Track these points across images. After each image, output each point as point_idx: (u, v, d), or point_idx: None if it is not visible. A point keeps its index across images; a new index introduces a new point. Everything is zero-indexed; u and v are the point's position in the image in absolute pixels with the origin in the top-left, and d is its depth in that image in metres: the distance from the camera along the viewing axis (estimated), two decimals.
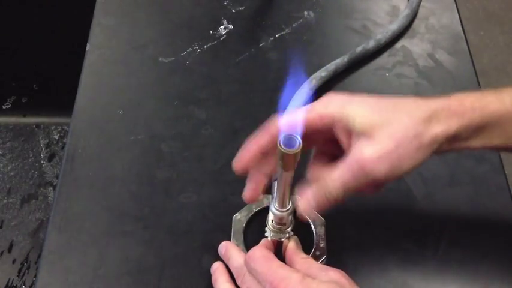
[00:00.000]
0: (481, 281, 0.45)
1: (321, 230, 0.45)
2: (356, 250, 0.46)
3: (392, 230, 0.48)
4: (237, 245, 0.44)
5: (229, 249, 0.42)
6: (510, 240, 0.46)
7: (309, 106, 0.38)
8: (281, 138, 0.32)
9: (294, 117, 0.37)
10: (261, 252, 0.38)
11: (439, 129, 0.36)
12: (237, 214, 0.47)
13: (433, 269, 0.45)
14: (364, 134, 0.35)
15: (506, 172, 0.51)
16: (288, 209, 0.39)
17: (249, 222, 0.47)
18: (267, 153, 0.39)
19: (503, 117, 0.37)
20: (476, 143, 0.38)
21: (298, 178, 0.39)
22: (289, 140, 0.32)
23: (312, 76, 0.55)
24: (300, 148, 0.32)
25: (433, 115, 0.36)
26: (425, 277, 0.45)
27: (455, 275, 0.45)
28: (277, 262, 0.37)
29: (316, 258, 0.43)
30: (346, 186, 0.36)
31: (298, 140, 0.32)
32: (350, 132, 0.36)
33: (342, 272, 0.36)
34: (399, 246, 0.46)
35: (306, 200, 0.37)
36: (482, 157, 0.51)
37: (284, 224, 0.41)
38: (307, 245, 0.44)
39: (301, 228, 0.44)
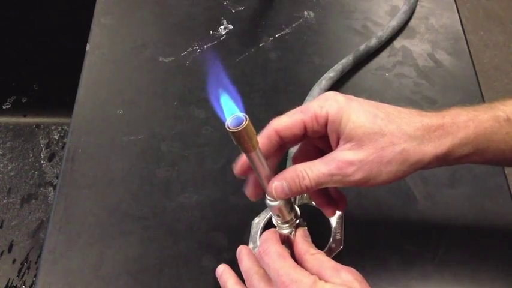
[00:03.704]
0: (481, 281, 0.45)
1: (338, 222, 0.45)
2: (356, 250, 0.46)
3: (392, 230, 0.48)
4: (254, 248, 0.44)
5: (242, 252, 0.42)
6: (510, 240, 0.46)
7: (305, 106, 0.39)
8: (228, 121, 0.32)
9: (289, 118, 0.38)
10: (275, 248, 0.38)
11: (429, 148, 0.36)
12: (255, 218, 0.47)
13: (433, 269, 0.45)
14: (353, 139, 0.36)
15: (506, 172, 0.51)
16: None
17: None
18: (266, 155, 0.39)
19: (496, 135, 0.38)
20: (468, 159, 0.38)
21: None
22: (236, 120, 0.32)
23: (322, 77, 0.56)
24: (246, 124, 0.32)
25: (425, 133, 0.36)
26: (425, 277, 0.45)
27: (455, 275, 0.45)
28: (290, 261, 0.37)
29: (331, 249, 0.43)
30: (320, 181, 0.37)
31: (244, 116, 0.32)
32: (339, 134, 0.37)
33: (354, 270, 0.36)
34: (399, 246, 0.46)
35: (280, 180, 0.38)
36: None
37: (284, 216, 0.40)
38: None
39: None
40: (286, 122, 0.38)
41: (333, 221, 0.45)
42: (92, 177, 0.52)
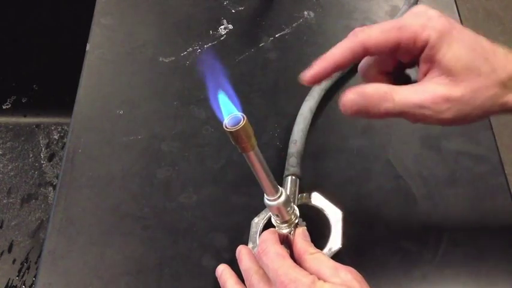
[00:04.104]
0: (481, 281, 0.44)
1: (337, 221, 0.45)
2: (356, 250, 0.46)
3: (392, 230, 0.48)
4: (253, 248, 0.44)
5: (241, 251, 0.42)
6: (510, 240, 0.46)
7: (403, 22, 0.35)
8: (226, 121, 0.32)
9: (382, 33, 0.34)
10: (274, 248, 0.37)
11: None
12: (255, 218, 0.47)
13: (433, 269, 0.45)
14: (450, 73, 0.34)
15: (506, 172, 0.51)
16: (277, 198, 0.39)
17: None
18: (342, 67, 0.36)
19: None
20: None
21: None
22: (234, 119, 0.32)
23: None
24: (243, 123, 0.32)
25: None
26: (425, 277, 0.45)
27: (455, 275, 0.45)
28: (289, 261, 0.37)
29: (331, 249, 0.43)
30: (405, 109, 0.34)
31: (242, 116, 0.32)
32: (435, 64, 0.35)
33: (353, 270, 0.36)
34: (399, 246, 0.46)
35: (357, 94, 0.34)
36: (482, 157, 0.51)
37: (283, 216, 0.40)
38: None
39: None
40: (379, 38, 0.35)
41: (333, 220, 0.45)
42: (92, 177, 0.52)
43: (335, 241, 0.44)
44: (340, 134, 0.53)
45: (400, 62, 0.38)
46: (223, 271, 0.43)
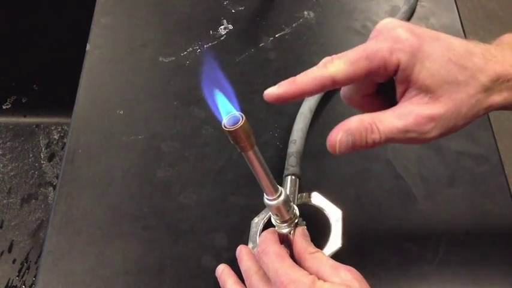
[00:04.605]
0: (481, 281, 0.44)
1: (337, 221, 0.45)
2: (356, 250, 0.46)
3: (392, 230, 0.48)
4: (253, 248, 0.44)
5: (241, 251, 0.42)
6: (510, 240, 0.46)
7: (371, 50, 0.34)
8: (225, 120, 0.32)
9: (350, 66, 0.34)
10: (274, 248, 0.37)
11: (500, 98, 0.34)
12: (255, 218, 0.47)
13: (433, 269, 0.45)
14: (428, 91, 0.33)
15: (506, 172, 0.51)
16: (276, 198, 0.38)
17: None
18: (311, 94, 0.36)
19: None
20: None
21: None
22: (233, 119, 0.32)
23: None
24: (242, 122, 0.32)
25: (498, 83, 0.34)
26: (425, 277, 0.45)
27: (455, 275, 0.45)
28: (288, 261, 0.37)
29: (330, 248, 0.43)
30: (391, 136, 0.34)
31: (240, 115, 0.32)
32: (411, 84, 0.34)
33: (353, 269, 0.36)
34: (399, 246, 0.46)
35: (345, 131, 0.34)
36: (482, 157, 0.51)
37: (282, 216, 0.40)
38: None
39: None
40: (348, 71, 0.34)
41: (332, 220, 0.45)
42: (92, 177, 0.52)
43: (335, 241, 0.44)
44: None
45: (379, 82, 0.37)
46: (223, 271, 0.43)
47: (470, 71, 0.33)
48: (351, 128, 0.34)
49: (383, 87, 0.38)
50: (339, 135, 0.34)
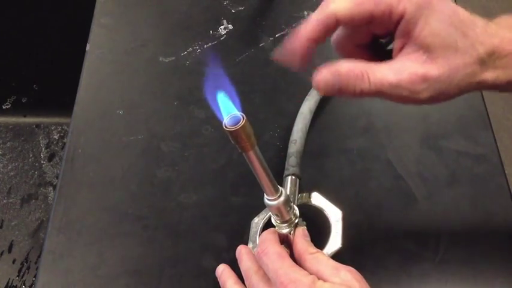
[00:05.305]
0: (481, 281, 0.44)
1: (337, 221, 0.45)
2: (356, 250, 0.46)
3: (392, 230, 0.48)
4: (253, 248, 0.44)
5: (241, 251, 0.42)
6: (510, 240, 0.46)
7: None
8: (226, 120, 0.32)
9: (355, 5, 0.33)
10: (274, 249, 0.37)
11: (493, 75, 0.33)
12: (255, 218, 0.47)
13: (434, 269, 0.45)
14: (427, 49, 0.33)
15: (506, 172, 0.51)
16: (277, 198, 0.38)
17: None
18: (315, 39, 0.34)
19: None
20: None
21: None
22: (234, 119, 0.32)
23: None
24: (243, 122, 0.32)
25: (494, 58, 0.33)
26: (425, 277, 0.45)
27: (455, 275, 0.45)
28: (288, 261, 0.36)
29: (330, 249, 0.43)
30: (382, 89, 0.33)
31: (241, 115, 0.32)
32: (412, 39, 0.33)
33: (353, 270, 0.36)
34: (399, 246, 0.46)
35: (332, 73, 0.33)
36: (482, 157, 0.51)
37: (282, 216, 0.40)
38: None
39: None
40: (352, 9, 0.33)
41: (333, 220, 0.45)
42: (92, 177, 0.52)
43: (335, 241, 0.44)
44: (340, 134, 0.53)
45: (376, 33, 0.36)
46: (223, 271, 0.43)
47: (471, 40, 0.33)
48: (340, 71, 0.33)
49: (378, 46, 0.37)
50: (327, 74, 0.33)
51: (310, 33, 0.34)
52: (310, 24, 0.34)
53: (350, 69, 0.33)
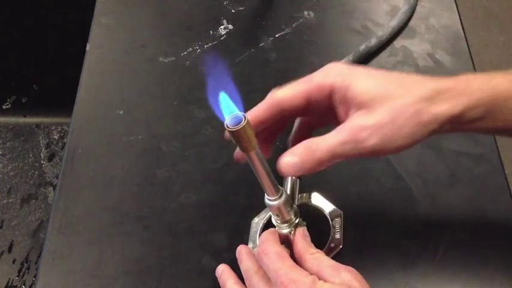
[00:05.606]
0: (481, 281, 0.44)
1: (337, 221, 0.45)
2: (356, 250, 0.46)
3: (392, 229, 0.48)
4: (253, 248, 0.44)
5: (241, 251, 0.42)
6: (510, 240, 0.46)
7: (308, 77, 0.37)
8: (227, 120, 0.33)
9: (291, 89, 0.37)
10: (274, 249, 0.37)
11: (443, 108, 0.35)
12: (255, 218, 0.47)
13: (433, 269, 0.45)
14: (363, 105, 0.35)
15: (506, 172, 0.51)
16: (277, 198, 0.39)
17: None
18: (265, 125, 0.38)
19: (511, 99, 0.36)
20: (480, 124, 0.36)
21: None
22: (235, 119, 0.32)
23: None
24: (244, 123, 0.32)
25: (438, 94, 0.35)
26: (425, 277, 0.45)
27: (455, 276, 0.45)
28: (289, 261, 0.37)
29: (331, 249, 0.43)
30: (335, 151, 0.35)
31: (243, 115, 0.32)
32: (349, 103, 0.35)
33: (353, 270, 0.36)
34: (399, 246, 0.46)
35: (290, 154, 0.36)
36: (482, 157, 0.51)
37: (283, 216, 0.40)
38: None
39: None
40: (288, 92, 0.37)
41: (333, 220, 0.45)
42: (92, 177, 0.52)
43: (335, 241, 0.44)
44: None
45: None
46: (223, 271, 0.43)
47: (407, 85, 0.35)
48: (296, 151, 0.36)
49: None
50: (285, 157, 0.36)
51: (256, 118, 0.38)
52: (256, 110, 0.39)
53: (303, 145, 0.36)
